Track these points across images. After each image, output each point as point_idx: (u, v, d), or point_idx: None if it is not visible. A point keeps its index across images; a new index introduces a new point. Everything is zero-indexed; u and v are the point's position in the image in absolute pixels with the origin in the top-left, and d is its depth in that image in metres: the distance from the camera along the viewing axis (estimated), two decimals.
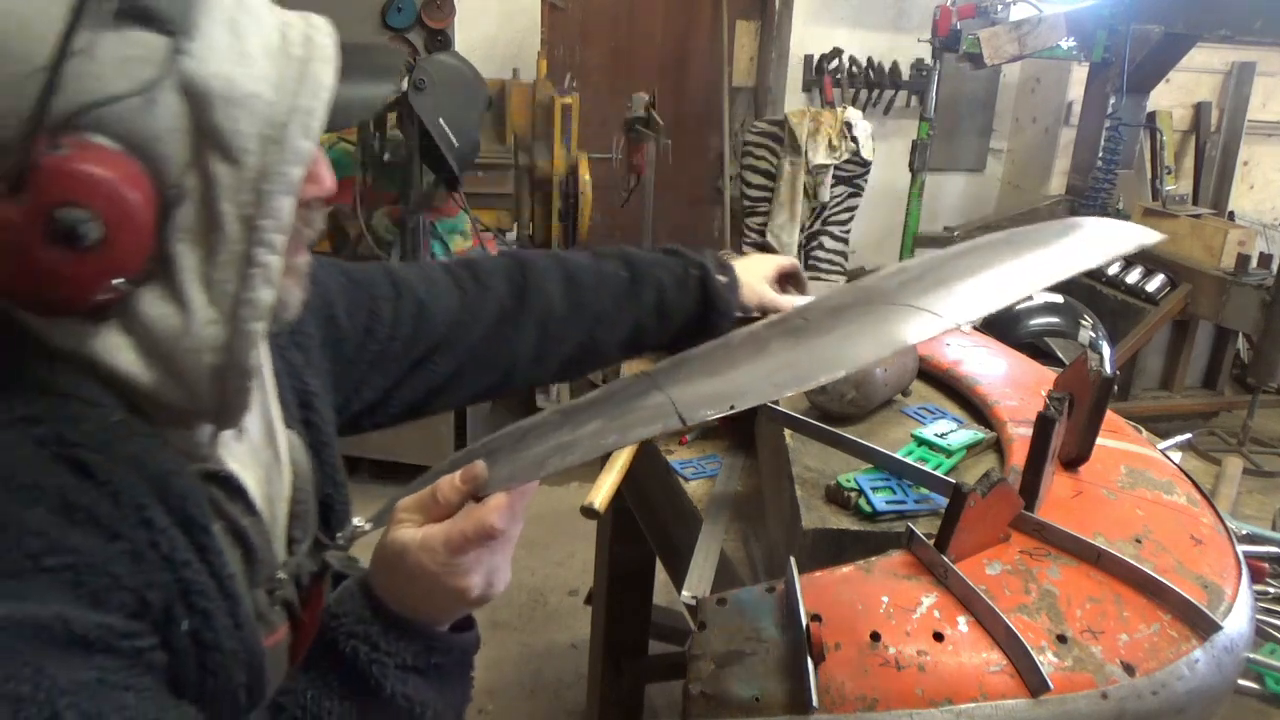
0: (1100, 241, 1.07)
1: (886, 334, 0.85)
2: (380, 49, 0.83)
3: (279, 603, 0.83)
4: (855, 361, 0.82)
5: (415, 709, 0.74)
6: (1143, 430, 1.37)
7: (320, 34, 0.72)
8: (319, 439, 0.93)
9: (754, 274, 1.32)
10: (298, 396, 0.92)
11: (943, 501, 1.04)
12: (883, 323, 0.87)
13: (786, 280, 1.39)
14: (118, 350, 0.68)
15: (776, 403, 1.36)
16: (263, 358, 0.84)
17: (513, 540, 0.73)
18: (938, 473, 1.11)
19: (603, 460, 1.09)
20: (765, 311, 1.31)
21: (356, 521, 0.84)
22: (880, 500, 1.08)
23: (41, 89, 0.60)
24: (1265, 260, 3.72)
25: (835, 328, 0.90)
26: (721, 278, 1.27)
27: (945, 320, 0.84)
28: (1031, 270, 0.97)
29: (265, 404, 0.85)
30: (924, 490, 1.11)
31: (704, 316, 1.26)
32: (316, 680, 0.72)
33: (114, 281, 0.64)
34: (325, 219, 0.80)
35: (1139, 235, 1.09)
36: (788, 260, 1.40)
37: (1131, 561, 0.91)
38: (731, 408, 0.76)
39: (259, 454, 0.84)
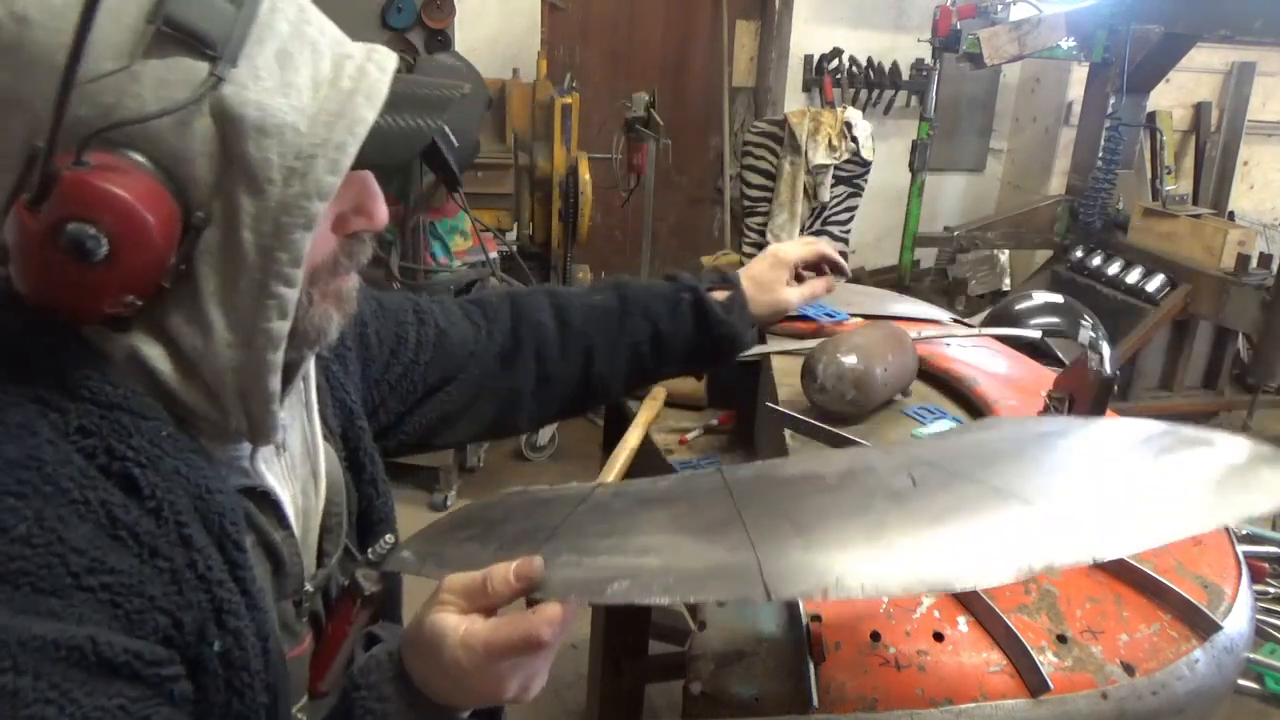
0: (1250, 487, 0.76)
1: (1016, 554, 0.66)
2: (433, 82, 0.79)
3: (305, 615, 0.83)
4: (972, 582, 0.66)
5: None
6: None
7: (375, 67, 0.70)
8: (358, 452, 0.93)
9: (763, 282, 1.27)
10: (338, 409, 0.93)
11: None
12: (1013, 535, 0.69)
13: (811, 268, 1.31)
14: (159, 360, 0.68)
15: (776, 401, 1.36)
16: (310, 374, 0.85)
17: (555, 649, 0.68)
18: None
19: (604, 458, 1.09)
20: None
21: (388, 538, 0.84)
22: None
23: (76, 103, 0.60)
24: (1265, 260, 3.72)
25: (949, 515, 0.72)
26: (719, 296, 1.23)
27: (1089, 552, 0.67)
28: (1192, 513, 0.72)
29: (308, 419, 0.86)
30: None
31: (709, 340, 1.23)
32: None
33: (125, 298, 0.64)
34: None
35: None
36: (797, 254, 1.29)
37: (1131, 561, 0.91)
38: (825, 593, 0.65)
39: (297, 469, 0.84)
